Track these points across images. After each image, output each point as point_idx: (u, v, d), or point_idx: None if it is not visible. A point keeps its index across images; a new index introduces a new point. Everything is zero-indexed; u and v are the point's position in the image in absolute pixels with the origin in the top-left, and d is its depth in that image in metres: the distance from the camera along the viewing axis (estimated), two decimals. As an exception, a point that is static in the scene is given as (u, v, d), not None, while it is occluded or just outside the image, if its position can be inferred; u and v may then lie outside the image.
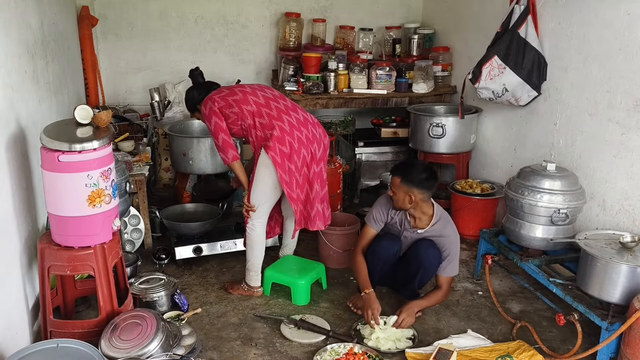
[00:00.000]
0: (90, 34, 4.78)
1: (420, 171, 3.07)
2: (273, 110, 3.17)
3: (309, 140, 3.20)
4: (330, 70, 4.72)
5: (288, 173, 3.15)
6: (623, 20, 3.11)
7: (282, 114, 3.17)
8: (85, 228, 2.55)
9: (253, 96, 3.20)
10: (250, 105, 3.17)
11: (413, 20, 5.56)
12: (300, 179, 3.22)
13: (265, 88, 3.34)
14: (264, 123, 3.15)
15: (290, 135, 3.13)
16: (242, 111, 3.16)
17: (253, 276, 3.39)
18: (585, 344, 2.74)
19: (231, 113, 3.18)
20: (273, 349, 2.91)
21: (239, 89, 3.27)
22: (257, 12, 5.33)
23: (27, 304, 2.77)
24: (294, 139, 3.13)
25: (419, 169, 3.09)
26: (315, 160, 3.25)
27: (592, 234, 2.94)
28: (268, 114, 3.16)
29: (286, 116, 3.17)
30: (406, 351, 2.86)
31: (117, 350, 2.47)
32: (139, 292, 3.16)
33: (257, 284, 3.40)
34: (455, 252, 3.14)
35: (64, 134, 2.54)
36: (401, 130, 4.89)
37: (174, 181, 4.99)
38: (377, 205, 3.28)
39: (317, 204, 3.31)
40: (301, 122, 3.20)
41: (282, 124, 3.13)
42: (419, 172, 3.06)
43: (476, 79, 3.89)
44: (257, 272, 3.40)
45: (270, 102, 3.21)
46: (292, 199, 3.21)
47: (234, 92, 3.23)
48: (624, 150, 3.15)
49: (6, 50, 2.68)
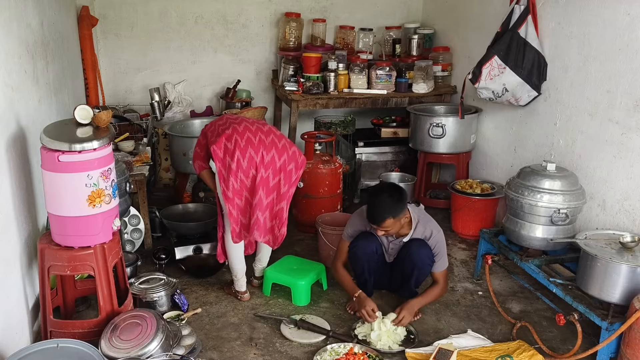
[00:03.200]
0: (90, 34, 4.77)
1: (397, 198, 2.96)
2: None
3: (262, 143, 3.10)
4: (330, 70, 4.72)
5: (227, 170, 3.06)
6: (623, 20, 3.11)
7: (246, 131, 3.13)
8: (85, 228, 2.55)
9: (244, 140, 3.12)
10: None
11: (413, 20, 5.56)
12: (246, 180, 3.09)
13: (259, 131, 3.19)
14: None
15: (239, 135, 3.08)
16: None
17: (237, 282, 3.37)
18: (585, 344, 2.74)
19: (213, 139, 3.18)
20: (273, 349, 2.91)
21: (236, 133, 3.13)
22: (257, 12, 5.33)
23: (27, 304, 2.77)
24: (242, 138, 3.07)
25: (394, 197, 2.96)
26: (263, 164, 3.09)
27: (592, 234, 2.94)
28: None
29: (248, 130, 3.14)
30: (406, 351, 2.86)
31: (117, 350, 2.47)
32: (139, 292, 3.16)
33: (242, 289, 3.38)
34: (442, 247, 3.15)
35: (64, 134, 2.54)
36: (401, 130, 4.89)
37: (174, 181, 4.99)
38: (352, 223, 3.26)
39: (257, 211, 3.12)
40: (263, 138, 3.13)
41: (237, 127, 3.13)
42: (397, 199, 2.96)
43: (476, 79, 3.89)
44: (240, 278, 3.35)
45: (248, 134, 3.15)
46: (227, 198, 3.07)
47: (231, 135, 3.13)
48: (624, 151, 3.15)
49: (6, 50, 2.68)
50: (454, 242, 4.17)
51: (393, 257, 3.25)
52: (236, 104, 5.19)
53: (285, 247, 3.96)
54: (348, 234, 3.26)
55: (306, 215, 4.22)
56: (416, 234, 3.12)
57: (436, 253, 3.13)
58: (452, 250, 4.03)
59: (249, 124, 3.19)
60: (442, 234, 3.18)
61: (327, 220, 3.83)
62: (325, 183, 4.16)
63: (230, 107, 5.18)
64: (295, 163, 3.21)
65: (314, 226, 3.89)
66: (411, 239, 3.13)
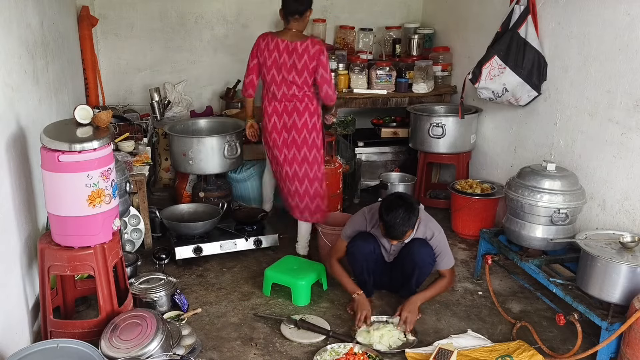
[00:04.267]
0: (90, 34, 4.77)
1: (411, 210, 2.93)
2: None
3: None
4: (330, 70, 4.71)
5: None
6: (623, 20, 3.11)
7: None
8: (85, 228, 2.55)
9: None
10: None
11: (413, 20, 5.56)
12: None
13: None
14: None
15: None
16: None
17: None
18: (585, 344, 2.74)
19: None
20: (273, 349, 2.91)
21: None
22: (257, 12, 5.33)
23: (27, 304, 2.77)
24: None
25: (408, 209, 2.92)
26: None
27: (592, 234, 2.94)
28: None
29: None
30: (406, 351, 2.86)
31: (117, 350, 2.47)
32: (139, 292, 3.16)
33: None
34: (444, 246, 3.15)
35: (64, 134, 2.54)
36: (401, 130, 4.89)
37: (174, 181, 4.98)
38: (351, 224, 3.27)
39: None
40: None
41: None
42: (411, 211, 2.93)
43: (476, 79, 3.89)
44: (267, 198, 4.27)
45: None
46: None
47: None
48: (624, 151, 3.15)
49: (6, 50, 2.68)
50: (454, 242, 4.17)
51: (393, 257, 3.25)
52: (236, 104, 5.19)
53: (285, 247, 3.97)
54: (346, 234, 3.26)
55: (306, 215, 4.22)
56: (418, 234, 3.12)
57: (438, 253, 3.13)
58: (452, 250, 3.99)
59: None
60: (443, 234, 3.18)
61: (327, 220, 3.83)
62: (325, 183, 4.16)
63: (230, 107, 5.18)
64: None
65: (313, 226, 3.88)
66: (412, 238, 3.13)
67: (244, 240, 3.83)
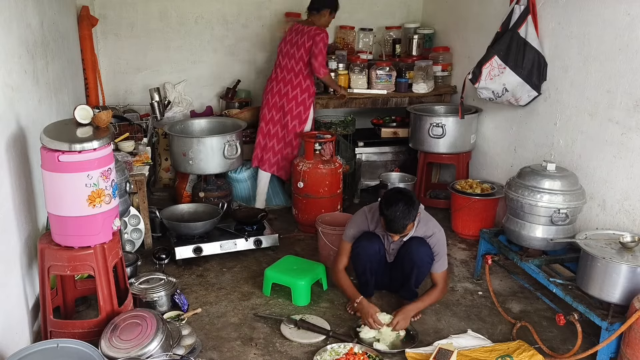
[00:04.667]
0: (90, 34, 4.77)
1: (411, 203, 2.93)
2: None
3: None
4: (330, 70, 4.72)
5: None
6: (623, 20, 3.11)
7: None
8: (85, 228, 2.55)
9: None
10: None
11: (413, 20, 5.56)
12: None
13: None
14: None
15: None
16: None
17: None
18: (585, 344, 2.74)
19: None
20: (273, 349, 2.91)
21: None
22: (257, 12, 5.33)
23: (27, 304, 2.77)
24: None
25: (408, 202, 2.92)
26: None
27: (592, 234, 2.94)
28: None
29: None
30: (406, 351, 2.86)
31: (117, 350, 2.47)
32: (139, 292, 3.16)
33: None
34: (442, 247, 3.15)
35: (64, 134, 2.54)
36: (401, 130, 4.89)
37: (174, 181, 4.99)
38: (353, 224, 3.26)
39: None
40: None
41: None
42: (411, 204, 2.93)
43: (476, 79, 3.89)
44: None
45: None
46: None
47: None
48: (624, 151, 3.15)
49: (6, 50, 2.68)
50: (454, 242, 4.17)
51: (393, 257, 3.25)
52: (236, 104, 5.19)
53: (285, 247, 3.97)
54: (349, 235, 3.25)
55: (306, 215, 4.22)
56: (417, 232, 3.12)
57: (436, 252, 3.12)
58: (452, 250, 4.03)
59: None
60: (443, 234, 3.18)
61: (327, 220, 3.83)
62: (325, 183, 4.16)
63: (230, 107, 5.18)
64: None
65: (314, 226, 3.88)
66: (411, 237, 3.12)
67: (244, 240, 3.83)
